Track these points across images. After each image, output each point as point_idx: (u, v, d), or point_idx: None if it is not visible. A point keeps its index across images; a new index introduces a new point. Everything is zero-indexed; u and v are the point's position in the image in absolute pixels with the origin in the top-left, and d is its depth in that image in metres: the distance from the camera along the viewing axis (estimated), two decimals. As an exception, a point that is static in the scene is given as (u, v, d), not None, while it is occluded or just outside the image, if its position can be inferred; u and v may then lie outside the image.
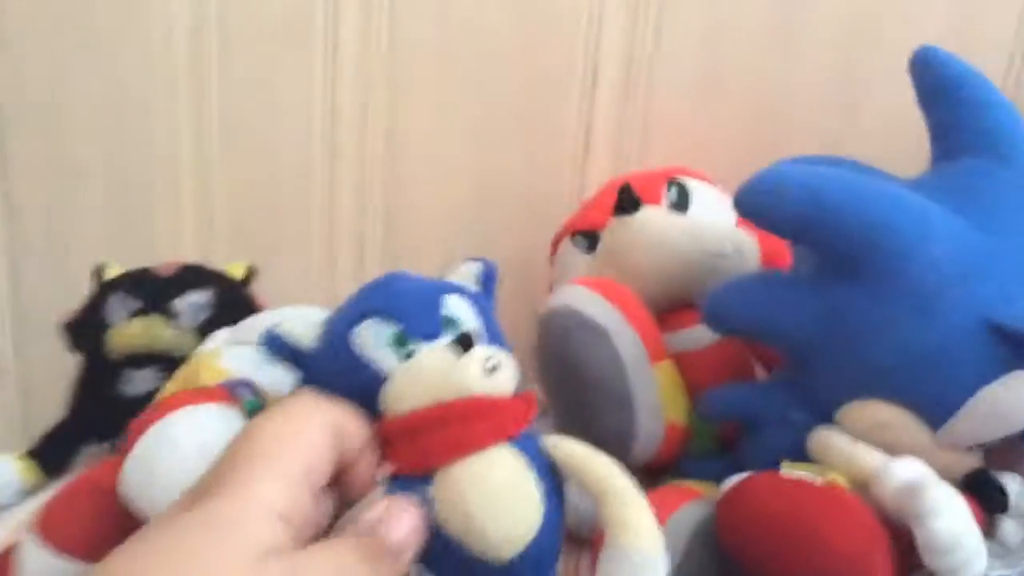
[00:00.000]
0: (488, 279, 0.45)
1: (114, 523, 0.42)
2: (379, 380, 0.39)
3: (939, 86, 0.53)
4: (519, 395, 0.40)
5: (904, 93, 0.61)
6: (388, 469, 0.38)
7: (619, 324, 0.53)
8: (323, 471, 0.33)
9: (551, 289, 0.73)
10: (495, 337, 0.42)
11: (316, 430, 0.33)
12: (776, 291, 0.49)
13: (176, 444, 0.41)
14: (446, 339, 0.40)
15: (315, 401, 0.35)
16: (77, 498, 0.45)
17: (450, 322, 0.41)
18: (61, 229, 0.89)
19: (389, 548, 0.32)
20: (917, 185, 0.49)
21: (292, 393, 0.42)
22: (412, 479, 0.37)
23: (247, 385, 0.49)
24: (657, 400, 0.53)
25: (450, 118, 0.82)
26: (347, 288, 0.88)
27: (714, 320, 0.52)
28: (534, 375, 0.57)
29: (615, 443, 0.53)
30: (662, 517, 0.48)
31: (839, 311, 0.46)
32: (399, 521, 0.33)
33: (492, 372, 0.39)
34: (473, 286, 0.44)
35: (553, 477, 0.40)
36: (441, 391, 0.38)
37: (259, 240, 0.86)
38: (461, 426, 0.38)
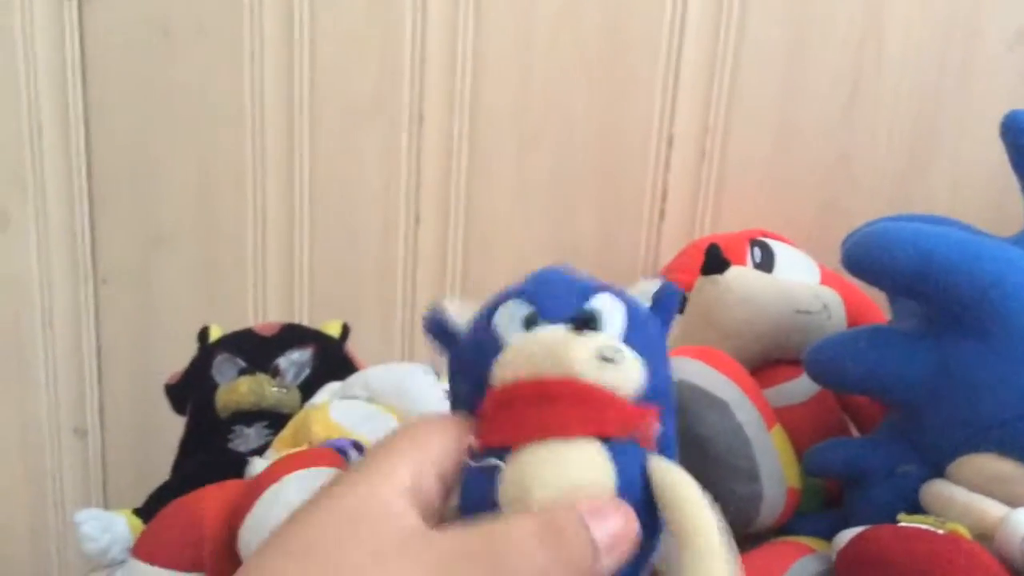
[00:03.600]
0: (668, 299, 0.40)
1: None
2: (495, 353, 0.36)
3: (1029, 152, 0.55)
4: (642, 404, 0.35)
5: (975, 150, 0.63)
6: (473, 442, 0.34)
7: (736, 394, 0.53)
8: (449, 465, 0.32)
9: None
10: (644, 347, 0.36)
11: (439, 434, 0.33)
12: (887, 345, 0.50)
13: (292, 508, 0.42)
14: (571, 325, 0.36)
15: (436, 418, 0.35)
16: (170, 519, 0.47)
17: (588, 315, 0.36)
18: (147, 295, 0.92)
19: (585, 544, 0.29)
20: (1020, 243, 0.50)
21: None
22: (490, 451, 0.34)
23: (354, 445, 0.50)
24: (779, 468, 0.53)
25: (528, 184, 0.84)
26: (427, 352, 0.90)
27: (822, 374, 0.53)
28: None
29: (740, 514, 0.53)
30: (778, 573, 0.49)
31: (954, 365, 0.47)
32: (605, 518, 0.30)
33: (606, 362, 0.34)
34: (646, 301, 0.40)
35: (644, 501, 0.34)
36: (544, 367, 0.34)
37: (343, 305, 0.88)
38: (551, 407, 0.34)
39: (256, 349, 0.66)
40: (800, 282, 0.68)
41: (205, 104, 0.87)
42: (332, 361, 0.67)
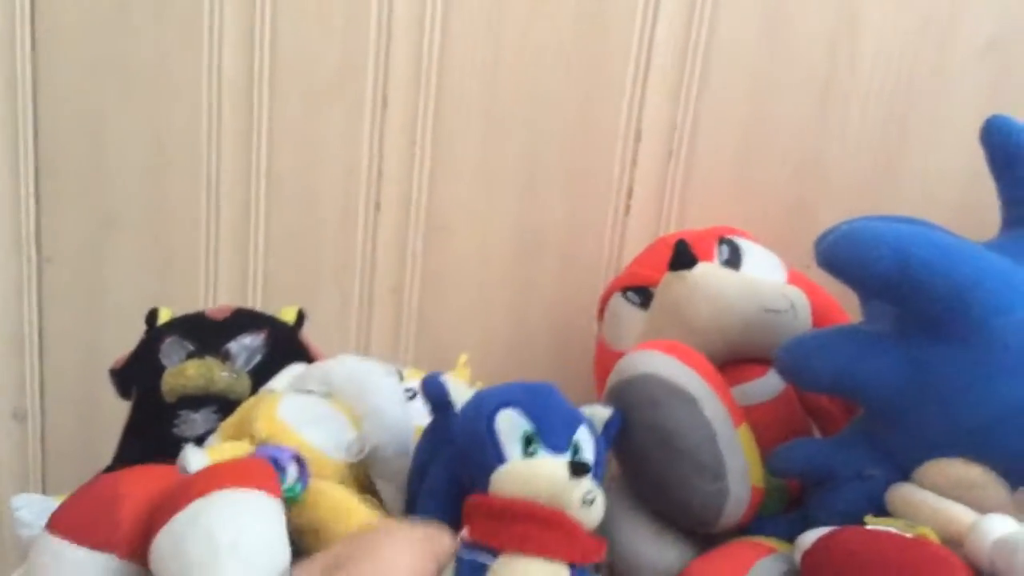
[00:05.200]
0: (612, 428, 0.52)
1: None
2: (496, 462, 0.46)
3: (1011, 156, 0.54)
4: (596, 536, 0.47)
5: (944, 153, 0.62)
6: (466, 534, 0.45)
7: (704, 391, 0.53)
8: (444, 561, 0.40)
9: (602, 343, 0.73)
10: (599, 471, 0.50)
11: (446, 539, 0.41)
12: (861, 345, 0.49)
13: (211, 537, 0.40)
14: (566, 457, 0.47)
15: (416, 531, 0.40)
16: (87, 496, 0.46)
17: (575, 447, 0.48)
18: (93, 277, 0.89)
19: None
20: (996, 248, 0.50)
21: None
22: (482, 548, 0.45)
23: (292, 457, 0.48)
24: (745, 465, 0.53)
25: (494, 173, 0.83)
26: (384, 341, 0.88)
27: (793, 373, 0.52)
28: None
29: (704, 511, 0.52)
30: (739, 572, 0.48)
31: (927, 369, 0.46)
32: None
33: (588, 504, 0.45)
34: (598, 428, 0.51)
35: None
36: (541, 494, 0.45)
37: (298, 291, 0.86)
38: (540, 528, 0.44)
39: (206, 333, 0.63)
40: (767, 280, 0.67)
41: (160, 81, 0.83)
42: (285, 347, 0.65)
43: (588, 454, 0.49)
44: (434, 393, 0.50)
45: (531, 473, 0.46)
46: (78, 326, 0.90)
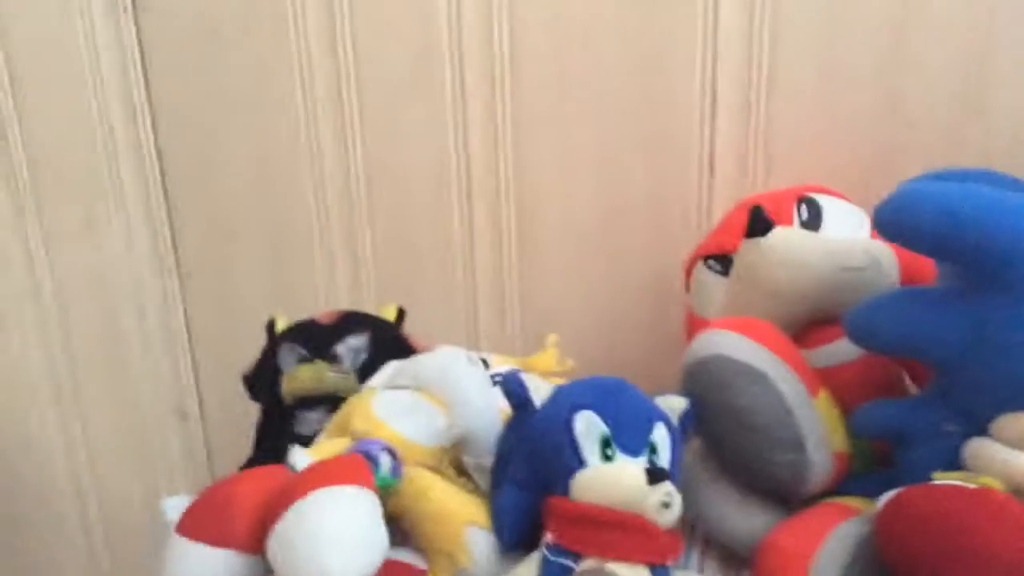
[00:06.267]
0: (687, 420, 0.54)
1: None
2: (576, 465, 0.49)
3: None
4: (674, 532, 0.50)
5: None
6: (551, 538, 0.49)
7: (775, 365, 0.54)
8: None
9: (690, 312, 0.74)
10: (676, 468, 0.52)
11: None
12: (922, 306, 0.49)
13: (315, 534, 0.46)
14: (643, 459, 0.49)
15: None
16: (207, 497, 0.51)
17: (652, 447, 0.50)
18: (226, 287, 0.97)
19: None
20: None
21: None
22: (567, 552, 0.48)
23: (386, 449, 0.52)
24: (824, 434, 0.53)
25: (574, 150, 0.84)
26: (491, 326, 0.91)
27: (859, 338, 0.52)
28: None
29: (787, 481, 0.54)
30: (821, 536, 0.49)
31: (988, 324, 0.46)
32: None
33: (666, 508, 0.48)
34: (675, 419, 0.53)
35: None
36: (621, 501, 0.48)
37: (405, 286, 0.91)
38: (622, 534, 0.47)
39: (316, 337, 0.69)
40: (847, 239, 0.66)
41: (258, 102, 0.89)
42: (387, 345, 0.69)
43: (664, 453, 0.51)
44: (514, 392, 0.53)
45: (611, 480, 0.48)
46: (220, 332, 0.99)
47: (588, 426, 0.49)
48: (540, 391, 0.53)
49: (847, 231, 0.68)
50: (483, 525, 0.52)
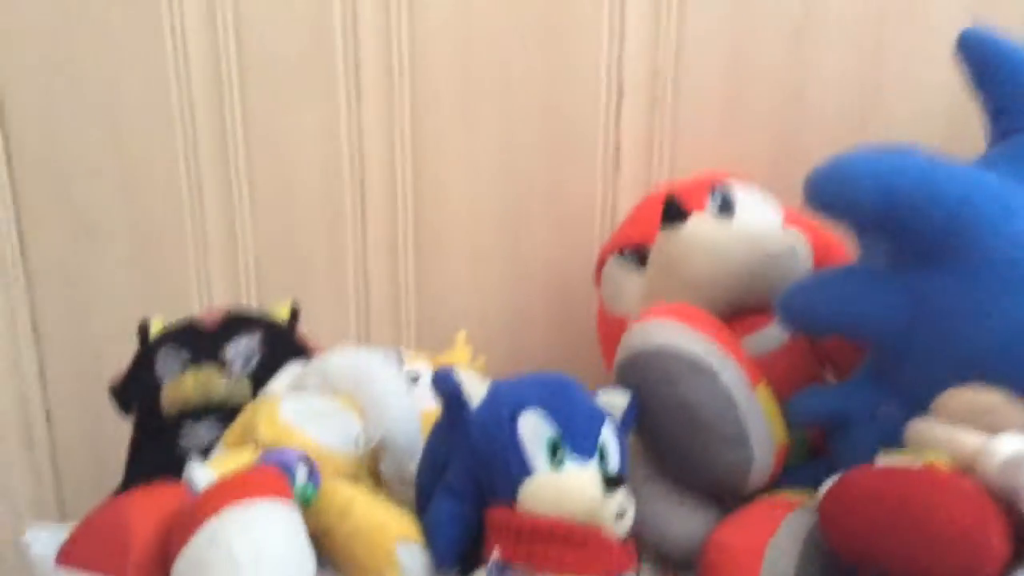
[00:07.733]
0: (629, 416, 0.51)
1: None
2: (522, 472, 0.45)
3: (990, 67, 0.53)
4: (627, 542, 0.46)
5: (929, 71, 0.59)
6: (498, 554, 0.44)
7: (720, 358, 0.51)
8: None
9: (602, 307, 0.72)
10: (624, 471, 0.49)
11: None
12: (858, 284, 0.48)
13: (232, 556, 0.40)
14: (594, 462, 0.46)
15: None
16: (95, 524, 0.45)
17: (601, 450, 0.47)
18: (81, 292, 0.87)
19: None
20: (986, 164, 0.49)
21: None
22: (516, 570, 0.44)
23: (301, 459, 0.47)
24: (767, 429, 0.52)
25: (477, 143, 0.81)
26: (383, 327, 0.86)
27: (794, 320, 0.51)
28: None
29: (731, 478, 0.52)
30: (769, 531, 0.47)
31: (928, 299, 0.45)
32: None
33: (620, 517, 0.45)
34: (617, 416, 0.50)
35: None
36: (576, 512, 0.44)
37: (290, 286, 0.84)
38: (577, 548, 0.44)
39: (200, 340, 0.62)
40: (763, 225, 0.66)
41: (120, 85, 0.80)
42: (282, 346, 0.63)
43: (614, 455, 0.47)
44: (447, 391, 0.47)
45: (562, 489, 0.45)
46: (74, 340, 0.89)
47: (534, 428, 0.45)
48: (474, 390, 0.48)
49: (760, 218, 0.67)
50: (415, 540, 0.46)
